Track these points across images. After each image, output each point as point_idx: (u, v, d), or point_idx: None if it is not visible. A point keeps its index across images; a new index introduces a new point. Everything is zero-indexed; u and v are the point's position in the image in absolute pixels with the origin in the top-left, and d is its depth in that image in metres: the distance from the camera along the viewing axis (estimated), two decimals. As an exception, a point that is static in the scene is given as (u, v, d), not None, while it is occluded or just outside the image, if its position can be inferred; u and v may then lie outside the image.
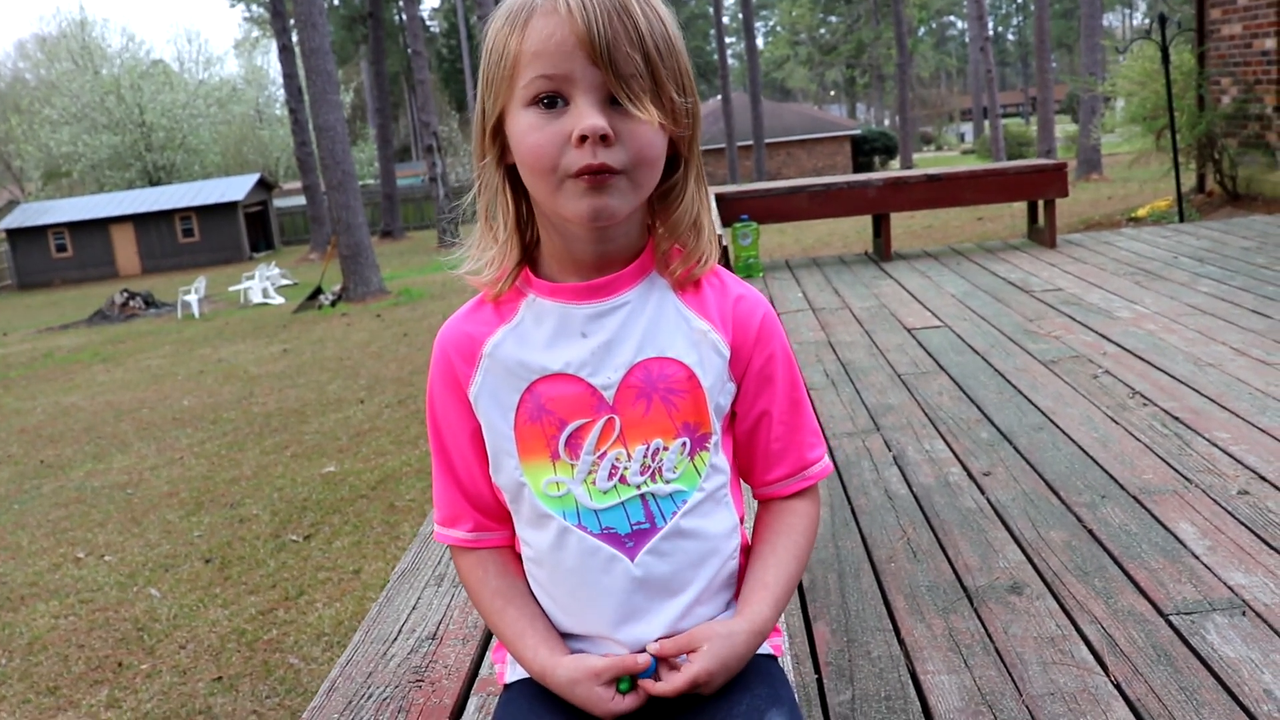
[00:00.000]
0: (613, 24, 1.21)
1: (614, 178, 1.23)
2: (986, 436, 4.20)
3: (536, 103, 1.23)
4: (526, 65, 1.22)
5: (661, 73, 1.24)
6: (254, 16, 64.89)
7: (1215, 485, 3.43)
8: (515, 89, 1.24)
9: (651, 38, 1.23)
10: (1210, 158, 12.02)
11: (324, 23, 18.37)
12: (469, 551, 1.43)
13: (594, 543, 1.33)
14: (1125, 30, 76.47)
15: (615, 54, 1.21)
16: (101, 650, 5.11)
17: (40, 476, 8.67)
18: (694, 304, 1.35)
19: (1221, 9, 11.66)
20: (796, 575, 1.41)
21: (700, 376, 1.33)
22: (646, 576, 1.33)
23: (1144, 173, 15.13)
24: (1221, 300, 6.10)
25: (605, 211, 1.25)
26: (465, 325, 1.38)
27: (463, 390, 1.36)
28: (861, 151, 47.40)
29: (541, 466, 1.33)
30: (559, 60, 1.21)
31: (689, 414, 1.33)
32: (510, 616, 1.39)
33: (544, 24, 1.22)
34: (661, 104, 1.25)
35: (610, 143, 1.22)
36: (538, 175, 1.24)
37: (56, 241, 39.74)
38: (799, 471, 1.42)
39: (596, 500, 1.32)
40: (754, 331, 1.37)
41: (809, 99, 77.40)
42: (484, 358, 1.35)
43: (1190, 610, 2.65)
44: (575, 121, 1.21)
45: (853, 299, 7.44)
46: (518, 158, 1.27)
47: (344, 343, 13.95)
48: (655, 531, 1.33)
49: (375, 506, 6.60)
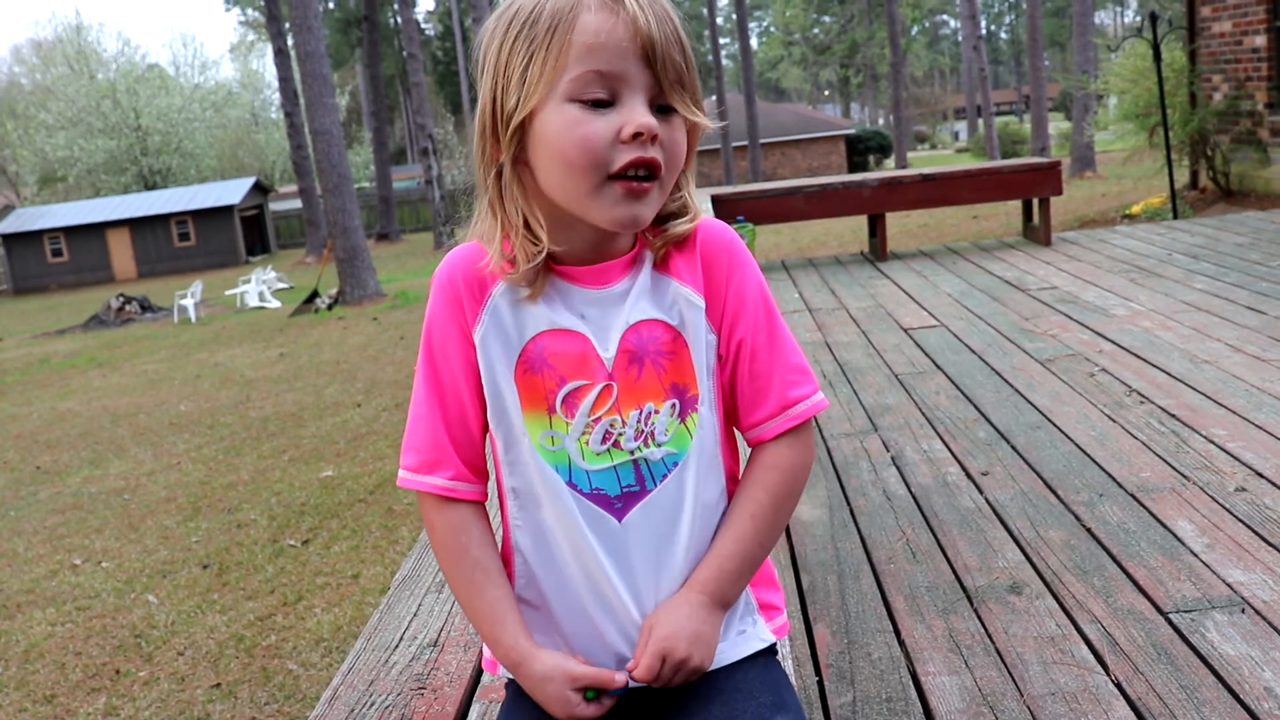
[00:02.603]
0: (664, 26, 1.23)
1: (652, 185, 1.25)
2: (984, 436, 4.20)
3: (583, 99, 1.22)
4: (577, 60, 1.21)
5: (696, 80, 1.28)
6: (249, 20, 64.87)
7: (1213, 482, 3.44)
8: (558, 83, 1.23)
9: (688, 44, 1.26)
10: (1203, 154, 12.05)
11: (319, 26, 18.36)
12: (446, 506, 1.37)
13: (584, 501, 1.32)
14: (1117, 28, 76.48)
15: (667, 57, 1.23)
16: (99, 657, 5.10)
17: (37, 482, 8.65)
18: (660, 262, 1.35)
19: (1212, 7, 11.67)
20: (755, 530, 1.35)
21: (684, 334, 1.33)
22: (635, 539, 1.33)
23: (1137, 170, 15.17)
24: (1216, 297, 6.10)
25: (640, 219, 1.26)
26: (476, 260, 1.34)
27: (467, 329, 1.33)
28: (856, 151, 47.44)
29: (539, 419, 1.33)
30: (614, 58, 1.21)
31: (675, 375, 1.32)
32: (490, 595, 1.35)
33: (600, 20, 1.22)
34: (697, 107, 1.28)
35: (656, 142, 1.23)
36: (579, 172, 1.23)
37: (52, 246, 39.72)
38: (783, 410, 1.37)
39: (589, 461, 1.32)
40: (724, 267, 1.36)
41: (803, 99, 77.49)
42: (492, 298, 1.33)
43: (1190, 608, 2.65)
44: (625, 119, 1.22)
45: (849, 299, 7.44)
46: (553, 153, 1.24)
47: (341, 346, 13.94)
48: (645, 494, 1.33)
49: (373, 511, 6.59)
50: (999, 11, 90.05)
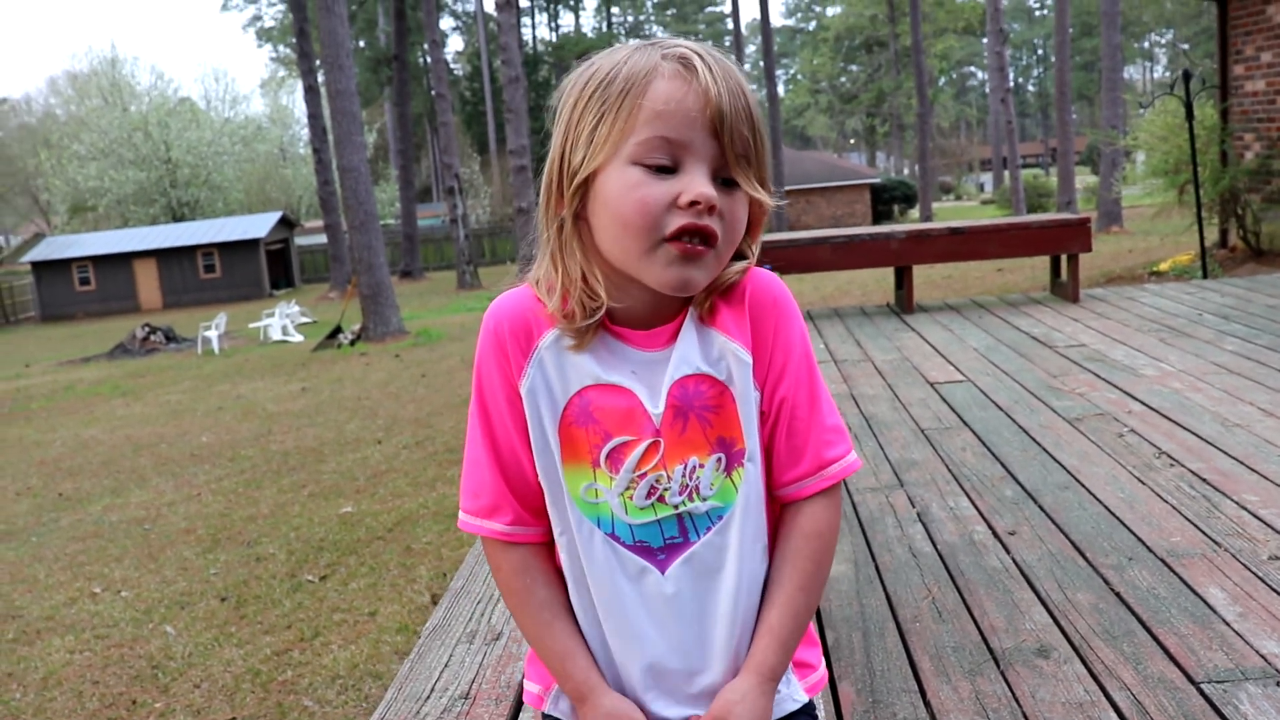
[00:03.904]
0: (735, 100, 1.23)
1: (707, 252, 1.25)
2: (1011, 494, 4.17)
3: (646, 163, 1.23)
4: (645, 124, 1.22)
5: (764, 157, 1.28)
6: (280, 57, 65.67)
7: (1245, 550, 3.40)
8: (624, 145, 1.24)
9: (759, 122, 1.26)
10: (1234, 213, 12.01)
11: (350, 64, 18.55)
12: (509, 549, 1.38)
13: (624, 553, 1.32)
14: (1145, 83, 76.67)
15: (735, 131, 1.23)
16: (116, 687, 5.09)
17: (58, 509, 8.67)
18: (714, 318, 1.34)
19: (1245, 65, 11.68)
20: (808, 602, 1.36)
21: (731, 388, 1.32)
22: (678, 592, 1.33)
23: (1165, 226, 15.11)
24: (1247, 359, 6.06)
25: (692, 284, 1.26)
26: (526, 311, 1.35)
27: (513, 380, 1.34)
28: (881, 200, 47.51)
29: (581, 471, 1.32)
30: (682, 126, 1.22)
31: (722, 429, 1.32)
32: (559, 631, 1.36)
33: (672, 88, 1.22)
34: (762, 183, 1.28)
35: (714, 214, 1.23)
36: (634, 233, 1.24)
37: (80, 275, 40.07)
38: (818, 470, 1.37)
39: (632, 515, 1.32)
40: (771, 322, 1.35)
41: (829, 147, 77.71)
42: (539, 350, 1.33)
43: (1222, 679, 2.61)
44: (684, 187, 1.22)
45: (875, 351, 7.43)
46: (611, 213, 1.25)
47: (362, 382, 13.97)
48: (688, 545, 1.32)
49: (392, 549, 6.58)
50: (1027, 64, 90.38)
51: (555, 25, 77.79)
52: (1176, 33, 66.25)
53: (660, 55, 1.25)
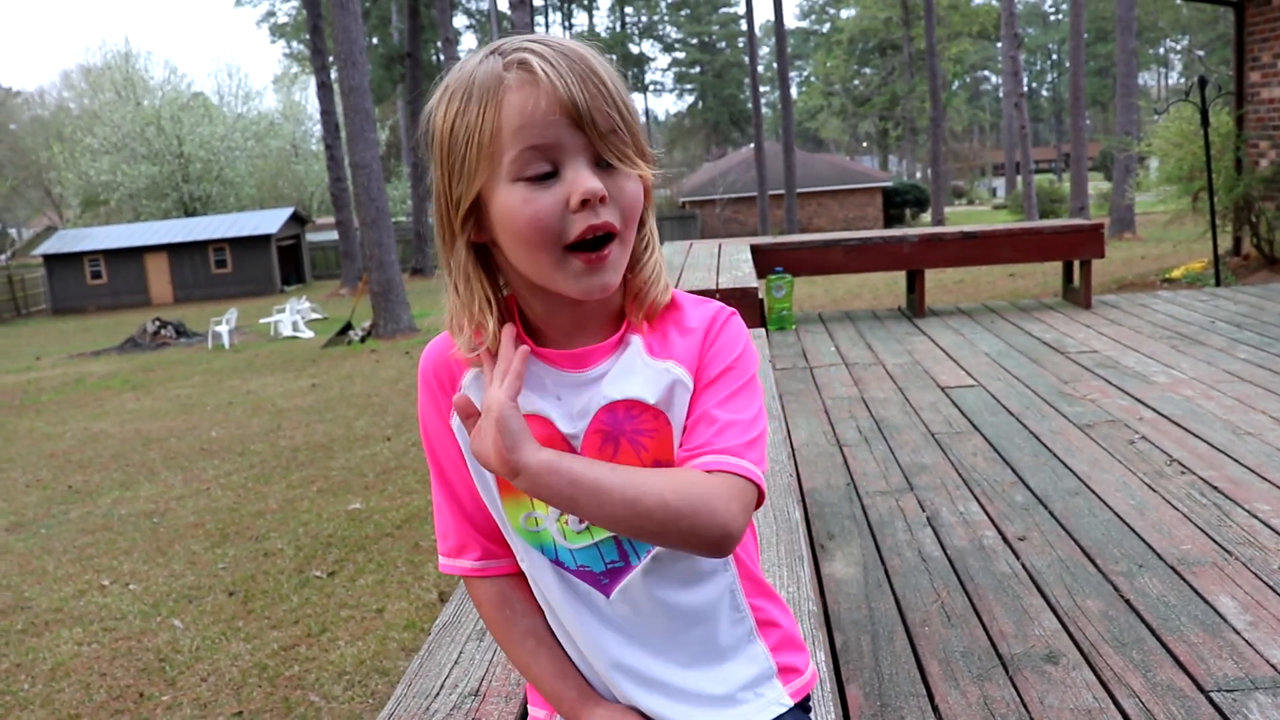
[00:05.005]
0: (587, 87, 1.21)
1: (610, 251, 1.23)
2: (1021, 500, 4.16)
3: (526, 177, 1.21)
4: (510, 140, 1.21)
5: (634, 126, 1.25)
6: (294, 53, 65.72)
7: (1256, 558, 3.39)
8: (499, 166, 1.22)
9: (620, 94, 1.24)
10: (1247, 221, 11.96)
11: (364, 61, 18.57)
12: (484, 583, 1.41)
13: (571, 578, 1.33)
14: (1160, 89, 76.46)
15: (596, 115, 1.21)
16: (123, 680, 5.10)
17: (68, 502, 8.70)
18: (656, 346, 1.31)
19: (1261, 72, 11.63)
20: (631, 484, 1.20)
21: (667, 414, 1.29)
22: (624, 616, 1.33)
23: (1178, 233, 15.08)
24: (1260, 367, 6.04)
25: (606, 286, 1.25)
26: (447, 353, 1.36)
27: (446, 419, 1.35)
28: (893, 204, 47.43)
29: (519, 502, 1.33)
30: (544, 130, 1.20)
31: (659, 453, 1.29)
32: (544, 657, 1.38)
33: (521, 96, 1.20)
34: (644, 156, 1.26)
35: (605, 203, 1.22)
36: (537, 248, 1.22)
37: (92, 268, 40.16)
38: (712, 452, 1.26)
39: (571, 540, 1.31)
40: (712, 346, 1.31)
41: (841, 150, 77.63)
42: (462, 390, 1.33)
43: (1232, 688, 2.60)
44: (571, 187, 1.20)
45: (886, 355, 7.42)
46: (510, 233, 1.23)
47: (372, 379, 13.99)
48: (630, 569, 1.32)
49: (400, 545, 6.59)
50: (1041, 69, 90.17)
51: (569, 25, 77.83)
52: (1192, 39, 66.07)
53: (502, 64, 1.22)
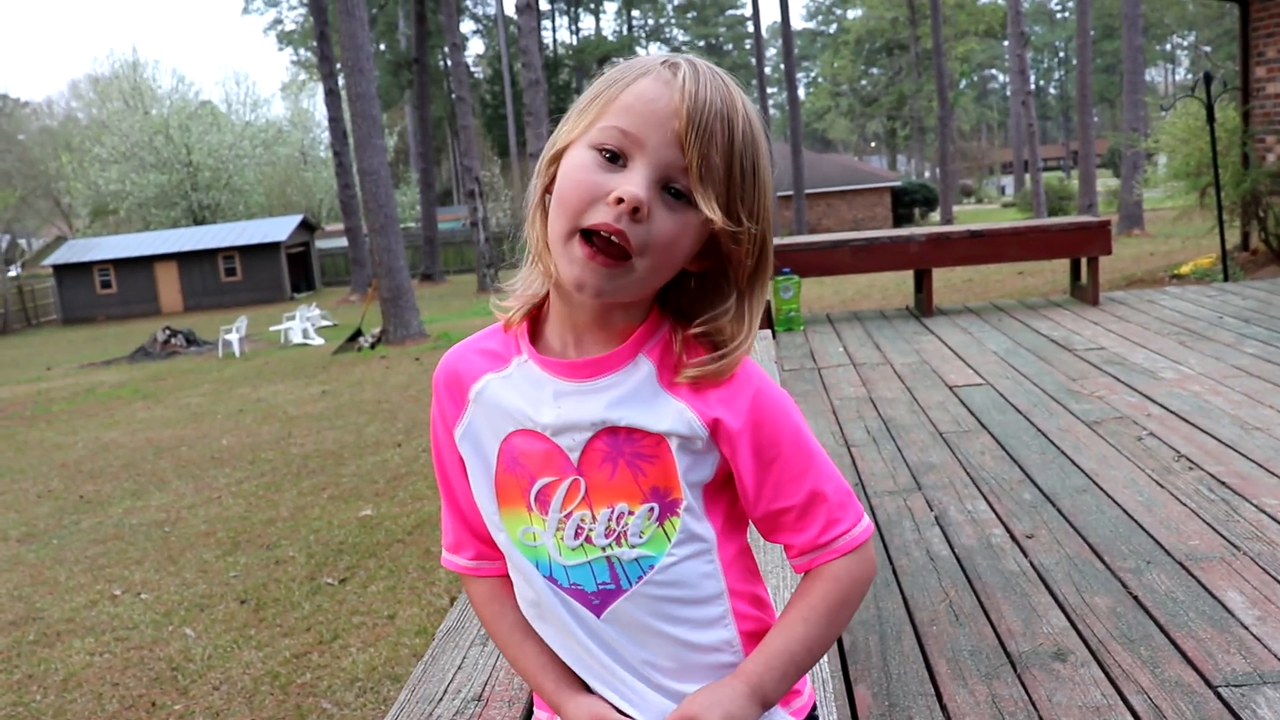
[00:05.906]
0: (712, 120, 1.19)
1: (616, 265, 1.20)
2: (1029, 498, 4.15)
3: (599, 146, 1.21)
4: (613, 113, 1.21)
5: (739, 182, 1.21)
6: (301, 60, 65.95)
7: (1264, 553, 3.38)
8: (592, 128, 1.22)
9: (739, 149, 1.21)
10: (1255, 216, 11.93)
11: (371, 68, 18.62)
12: (476, 580, 1.45)
13: (562, 595, 1.33)
14: (1167, 85, 76.28)
15: (701, 145, 1.18)
16: (135, 689, 5.12)
17: (79, 512, 8.73)
18: (675, 387, 1.28)
19: (1267, 67, 11.61)
20: (807, 634, 1.30)
21: (670, 444, 1.27)
22: (616, 637, 1.32)
23: (1186, 229, 15.04)
24: (1268, 363, 6.03)
25: (590, 289, 1.21)
26: (459, 363, 1.37)
27: (450, 429, 1.37)
28: (901, 203, 47.40)
29: (518, 515, 1.33)
30: (642, 122, 1.19)
31: (657, 480, 1.28)
32: (529, 651, 1.40)
33: (649, 85, 1.21)
34: (726, 212, 1.21)
35: (640, 219, 1.18)
36: (562, 212, 1.21)
37: (101, 278, 40.32)
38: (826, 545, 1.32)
39: (566, 556, 1.31)
40: (744, 414, 1.28)
41: (850, 150, 77.62)
42: (470, 401, 1.34)
43: (1240, 683, 2.60)
44: (620, 182, 1.18)
45: (894, 354, 7.41)
46: (558, 187, 1.24)
47: (383, 385, 14.02)
48: (621, 593, 1.31)
49: (411, 552, 6.60)
50: (1048, 67, 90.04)
51: (576, 29, 77.92)
52: (1198, 35, 65.92)
53: (661, 61, 1.24)
